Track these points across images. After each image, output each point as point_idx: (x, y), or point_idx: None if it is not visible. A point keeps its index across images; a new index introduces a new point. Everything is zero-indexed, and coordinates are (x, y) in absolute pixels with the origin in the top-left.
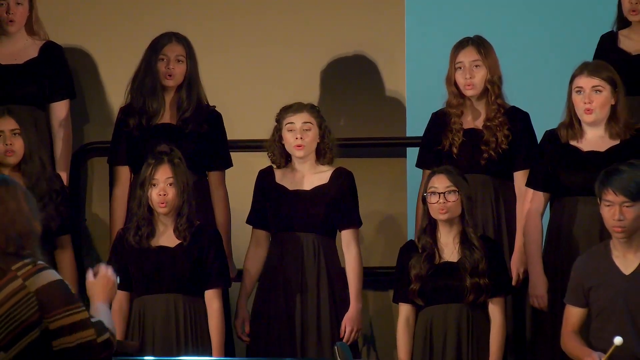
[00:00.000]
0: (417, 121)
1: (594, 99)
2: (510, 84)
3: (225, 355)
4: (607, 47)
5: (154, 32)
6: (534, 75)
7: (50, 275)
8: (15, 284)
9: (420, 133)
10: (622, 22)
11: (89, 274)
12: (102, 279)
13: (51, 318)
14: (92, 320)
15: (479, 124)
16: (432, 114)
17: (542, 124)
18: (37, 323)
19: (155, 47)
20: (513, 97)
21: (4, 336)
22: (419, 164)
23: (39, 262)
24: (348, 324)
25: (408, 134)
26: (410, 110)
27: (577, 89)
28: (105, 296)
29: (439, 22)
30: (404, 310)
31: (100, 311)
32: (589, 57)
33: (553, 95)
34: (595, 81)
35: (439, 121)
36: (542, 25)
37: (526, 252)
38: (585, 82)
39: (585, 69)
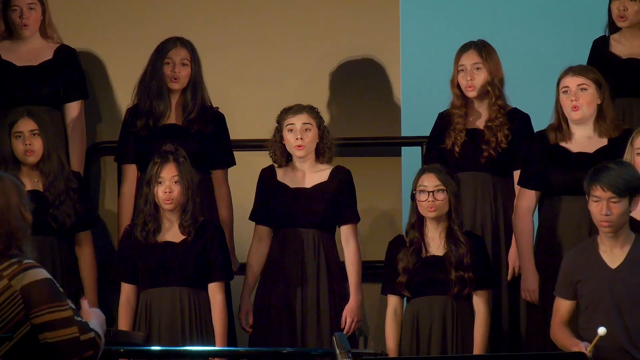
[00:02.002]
0: (412, 121)
1: (580, 96)
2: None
3: (228, 346)
4: (599, 51)
5: (160, 36)
6: (525, 79)
7: (36, 273)
8: (1, 285)
9: (415, 133)
10: (613, 27)
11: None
12: (85, 313)
13: (34, 314)
14: (77, 319)
15: (481, 124)
16: (439, 114)
17: (537, 126)
18: (25, 319)
19: (161, 52)
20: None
21: None
22: (425, 162)
23: (26, 260)
24: (348, 315)
25: (403, 134)
26: (405, 111)
27: (563, 89)
28: (94, 318)
29: (433, 27)
30: (392, 302)
31: (93, 321)
32: (579, 61)
33: (544, 97)
34: (581, 79)
35: (444, 121)
36: (533, 28)
37: (518, 249)
38: (571, 81)
39: (570, 70)
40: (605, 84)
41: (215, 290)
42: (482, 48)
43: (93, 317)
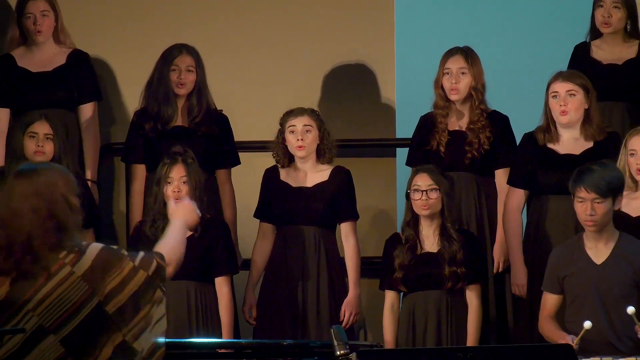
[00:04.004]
0: (406, 124)
1: (569, 102)
2: (492, 89)
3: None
4: (581, 56)
5: (165, 39)
6: (514, 81)
7: (92, 251)
8: (65, 271)
9: (409, 135)
10: (595, 33)
11: (171, 202)
12: (183, 204)
13: (104, 285)
14: (136, 263)
15: (463, 125)
16: (421, 117)
17: (521, 127)
18: (92, 295)
19: (167, 58)
20: (494, 101)
21: (55, 319)
22: (408, 163)
23: (77, 246)
24: (347, 308)
25: (397, 136)
26: (400, 114)
27: (553, 94)
28: (183, 216)
29: (425, 34)
30: (389, 297)
31: (171, 229)
32: (564, 66)
33: (531, 99)
34: (570, 86)
35: (427, 123)
36: (521, 35)
37: (508, 245)
38: (561, 87)
39: (560, 75)
40: (592, 89)
41: (221, 284)
42: (468, 54)
43: (173, 228)
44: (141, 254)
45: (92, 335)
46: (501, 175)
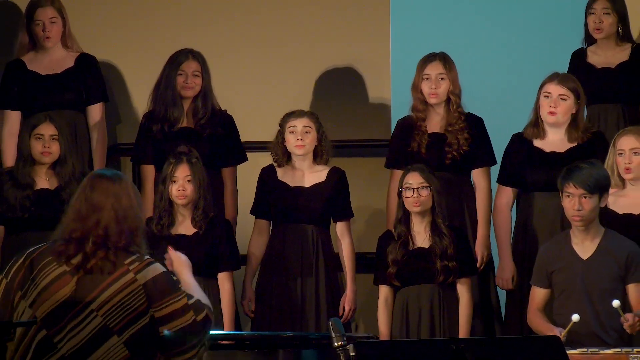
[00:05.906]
0: None
1: (559, 104)
2: (485, 90)
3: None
4: (577, 61)
5: (170, 43)
6: (507, 83)
7: (155, 269)
8: (128, 277)
9: None
10: (589, 39)
11: (170, 263)
12: (174, 259)
13: (156, 308)
14: (190, 302)
15: (442, 128)
16: (398, 120)
17: (510, 128)
18: (146, 310)
19: (174, 63)
20: (486, 103)
21: (118, 322)
22: (388, 165)
23: (146, 257)
24: (346, 304)
25: None
26: (395, 115)
27: (545, 93)
28: (185, 268)
29: (421, 36)
30: (383, 291)
31: (191, 286)
32: (556, 69)
33: (523, 101)
34: (563, 90)
35: (405, 126)
36: (510, 40)
37: (497, 241)
38: (554, 89)
39: (555, 77)
40: (583, 95)
41: (224, 279)
42: (446, 60)
43: (192, 284)
44: (195, 298)
45: (150, 347)
46: (478, 174)
